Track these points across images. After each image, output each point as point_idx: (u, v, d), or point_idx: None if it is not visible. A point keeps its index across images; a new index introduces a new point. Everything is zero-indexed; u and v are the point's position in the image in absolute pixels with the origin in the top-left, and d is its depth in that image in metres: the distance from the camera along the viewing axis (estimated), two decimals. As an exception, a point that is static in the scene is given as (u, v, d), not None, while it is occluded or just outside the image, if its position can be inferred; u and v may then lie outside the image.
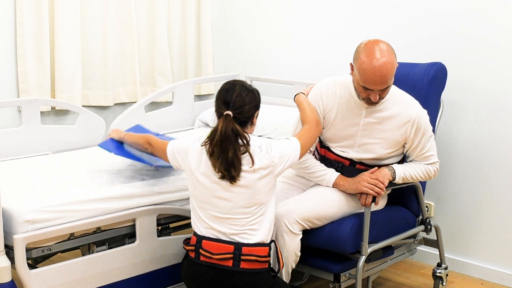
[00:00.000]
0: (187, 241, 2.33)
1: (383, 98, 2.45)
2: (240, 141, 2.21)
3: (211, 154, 2.22)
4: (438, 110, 2.97)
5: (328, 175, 2.60)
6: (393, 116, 2.52)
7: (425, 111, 2.57)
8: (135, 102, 3.76)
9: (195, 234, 2.30)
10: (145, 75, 4.09)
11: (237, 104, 2.23)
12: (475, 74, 3.14)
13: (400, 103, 2.54)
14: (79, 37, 3.66)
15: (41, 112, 3.35)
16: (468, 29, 3.14)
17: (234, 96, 2.24)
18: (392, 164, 2.60)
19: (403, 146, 2.59)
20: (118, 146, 2.62)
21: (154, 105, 4.00)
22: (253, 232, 2.24)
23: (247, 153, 2.21)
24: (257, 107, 2.30)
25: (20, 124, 3.22)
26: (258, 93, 2.34)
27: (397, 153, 2.61)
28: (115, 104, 3.94)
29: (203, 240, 2.25)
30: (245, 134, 2.23)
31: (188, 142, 2.32)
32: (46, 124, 3.47)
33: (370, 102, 2.45)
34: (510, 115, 3.06)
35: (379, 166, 2.58)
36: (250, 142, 2.23)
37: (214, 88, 4.37)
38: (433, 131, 2.84)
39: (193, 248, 2.28)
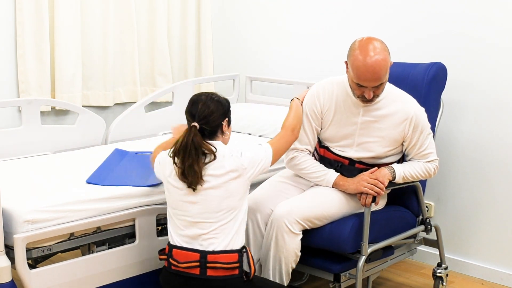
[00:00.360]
0: (162, 251, 2.35)
1: (377, 95, 2.47)
2: (203, 152, 2.22)
3: (174, 163, 2.25)
4: (438, 110, 2.97)
5: (327, 175, 2.60)
6: (391, 114, 2.53)
7: (423, 109, 2.58)
8: (135, 102, 3.76)
9: (168, 243, 2.32)
10: (145, 75, 4.10)
11: (202, 115, 2.26)
12: (475, 74, 3.14)
13: (397, 101, 2.55)
14: (79, 37, 3.66)
15: (41, 112, 3.35)
16: (468, 29, 3.14)
17: (199, 107, 2.27)
18: (391, 163, 2.61)
19: (402, 144, 2.59)
20: (105, 176, 2.64)
21: (154, 105, 4.00)
22: (221, 237, 2.23)
23: (214, 161, 2.22)
24: (225, 115, 2.31)
25: (20, 124, 3.22)
26: (227, 102, 2.35)
27: (396, 151, 2.62)
28: (115, 104, 3.94)
29: (173, 249, 2.27)
30: (209, 145, 2.22)
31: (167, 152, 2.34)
32: (46, 124, 3.47)
33: (365, 100, 2.46)
34: (510, 115, 3.06)
35: (379, 166, 2.58)
36: (218, 150, 2.24)
37: (214, 88, 4.37)
38: (433, 131, 2.84)
39: (165, 257, 2.31)
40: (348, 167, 2.62)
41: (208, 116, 2.26)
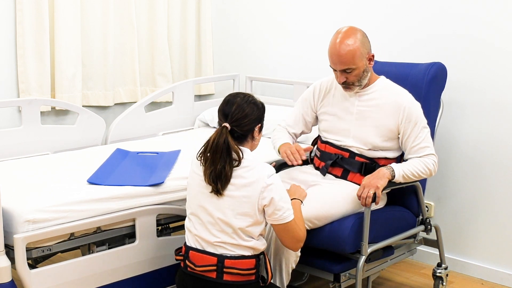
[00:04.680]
0: (178, 251, 2.34)
1: (352, 82, 2.57)
2: (233, 155, 2.17)
3: (204, 165, 2.21)
4: (438, 110, 2.97)
5: (278, 141, 2.74)
6: (385, 104, 2.61)
7: (418, 103, 2.63)
8: (135, 102, 3.76)
9: (185, 244, 2.31)
10: (145, 75, 4.10)
11: (236, 117, 2.19)
12: (475, 74, 3.14)
13: (393, 93, 2.63)
14: (79, 37, 3.66)
15: (41, 112, 3.36)
16: (468, 29, 3.14)
17: (233, 108, 2.20)
18: (390, 159, 2.64)
19: (398, 137, 2.62)
20: (106, 176, 2.64)
21: (154, 105, 4.00)
22: (239, 243, 2.21)
23: (238, 167, 2.17)
24: (258, 120, 2.25)
25: (20, 124, 3.22)
26: (262, 106, 2.29)
27: (394, 145, 2.64)
28: (115, 104, 3.94)
29: (190, 251, 2.26)
30: (238, 148, 2.18)
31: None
32: (46, 124, 3.47)
33: (344, 86, 2.60)
34: (510, 115, 3.06)
35: (378, 160, 2.61)
36: (246, 157, 2.19)
37: (214, 88, 4.38)
38: (433, 131, 2.85)
39: (181, 258, 2.29)
40: (348, 160, 2.65)
41: (241, 119, 2.20)
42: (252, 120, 2.23)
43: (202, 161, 2.21)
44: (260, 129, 2.29)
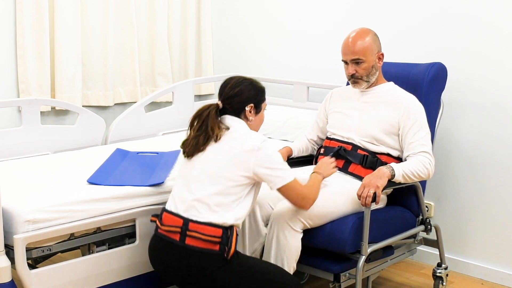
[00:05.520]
0: (155, 215, 2.37)
1: (360, 76, 2.69)
2: (212, 131, 2.26)
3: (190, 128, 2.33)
4: (438, 110, 2.97)
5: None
6: (388, 101, 2.72)
7: (421, 105, 2.70)
8: (135, 102, 3.77)
9: (163, 208, 2.35)
10: (145, 75, 4.10)
11: (228, 94, 2.32)
12: (475, 74, 3.14)
13: (396, 93, 2.74)
14: (79, 37, 3.66)
15: (41, 112, 3.36)
16: (468, 29, 3.14)
17: (228, 87, 2.33)
18: (392, 156, 2.67)
19: (399, 134, 2.66)
20: (106, 176, 2.64)
21: (154, 105, 4.00)
22: (210, 209, 2.21)
23: (228, 132, 2.26)
24: (251, 100, 2.33)
25: (20, 124, 3.22)
26: (260, 89, 2.38)
27: (395, 143, 2.67)
28: (115, 104, 3.94)
29: (164, 213, 2.29)
30: (218, 127, 2.27)
31: None
32: (46, 124, 3.47)
33: (353, 81, 2.72)
34: (510, 115, 3.06)
35: (380, 155, 2.65)
36: (237, 128, 2.28)
37: (214, 88, 4.37)
38: (433, 131, 2.85)
39: (155, 219, 2.33)
40: (350, 152, 2.70)
41: (233, 96, 2.31)
42: (244, 99, 2.32)
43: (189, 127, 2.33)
44: (256, 110, 2.36)
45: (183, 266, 2.21)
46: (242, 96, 2.32)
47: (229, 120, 2.33)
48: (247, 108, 2.33)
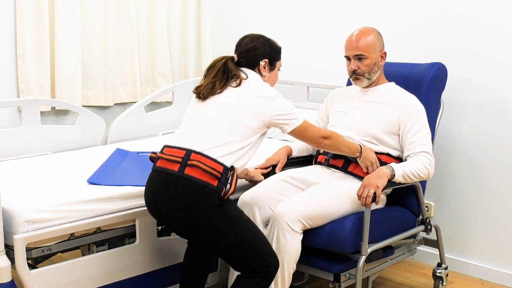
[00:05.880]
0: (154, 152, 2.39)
1: (362, 73, 2.70)
2: (232, 75, 2.31)
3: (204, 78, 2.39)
4: (438, 110, 2.97)
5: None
6: (388, 101, 2.73)
7: (422, 105, 2.71)
8: (135, 102, 3.77)
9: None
10: (145, 75, 4.10)
11: (244, 48, 2.38)
12: (475, 74, 3.14)
13: (398, 94, 2.75)
14: (79, 37, 3.67)
15: (41, 112, 3.36)
16: (469, 29, 3.14)
17: (245, 40, 2.40)
18: (392, 157, 2.68)
19: (399, 134, 2.67)
20: (106, 176, 2.64)
21: (154, 105, 4.00)
22: (216, 146, 2.22)
23: (239, 81, 2.30)
24: (265, 55, 2.39)
25: (20, 124, 3.23)
26: (276, 47, 2.45)
27: (395, 143, 2.68)
28: (115, 104, 3.94)
29: (166, 147, 2.31)
30: (240, 71, 2.32)
31: None
32: (46, 124, 3.47)
33: (354, 77, 2.72)
34: (510, 115, 3.06)
35: (379, 158, 2.64)
36: (250, 77, 2.32)
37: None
38: (433, 131, 2.85)
39: (155, 155, 2.34)
40: None
41: (248, 51, 2.37)
42: (259, 53, 2.39)
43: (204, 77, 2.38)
44: (270, 67, 2.42)
45: (178, 199, 2.20)
46: (257, 51, 2.38)
47: (245, 70, 2.38)
48: (262, 63, 2.39)
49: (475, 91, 3.15)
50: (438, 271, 2.96)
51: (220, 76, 2.33)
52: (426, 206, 2.93)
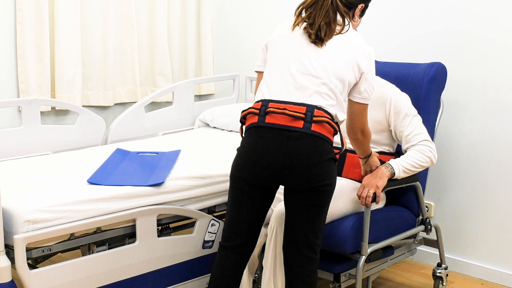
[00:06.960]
0: (243, 112, 2.24)
1: None
2: (340, 15, 2.22)
3: (299, 16, 2.29)
4: (438, 110, 2.97)
5: None
6: (371, 99, 2.65)
7: (404, 94, 2.69)
8: (135, 102, 3.77)
9: (258, 101, 2.21)
10: (145, 75, 4.10)
11: None
12: (475, 74, 3.14)
13: (379, 90, 2.67)
14: (79, 37, 3.67)
15: (41, 112, 3.36)
16: (469, 28, 3.14)
17: None
18: (385, 154, 2.67)
19: (390, 130, 2.66)
20: (107, 176, 2.64)
21: (154, 105, 4.00)
22: (330, 100, 2.16)
23: (345, 32, 2.22)
24: (364, 1, 2.32)
25: (20, 124, 3.23)
26: None
27: (385, 138, 2.68)
28: (115, 104, 3.94)
29: (270, 103, 2.16)
30: (346, 13, 2.25)
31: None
32: (46, 124, 3.47)
33: None
34: (510, 115, 3.06)
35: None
36: (351, 29, 2.24)
37: (214, 88, 4.38)
38: (433, 131, 2.85)
39: (257, 111, 2.18)
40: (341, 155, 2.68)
41: None
42: None
43: (298, 17, 2.28)
44: (361, 13, 2.35)
45: (300, 154, 2.10)
46: None
47: (340, 18, 2.27)
48: (358, 7, 2.33)
49: (475, 91, 3.15)
50: (438, 271, 2.96)
51: (326, 21, 2.21)
52: (426, 206, 2.93)
